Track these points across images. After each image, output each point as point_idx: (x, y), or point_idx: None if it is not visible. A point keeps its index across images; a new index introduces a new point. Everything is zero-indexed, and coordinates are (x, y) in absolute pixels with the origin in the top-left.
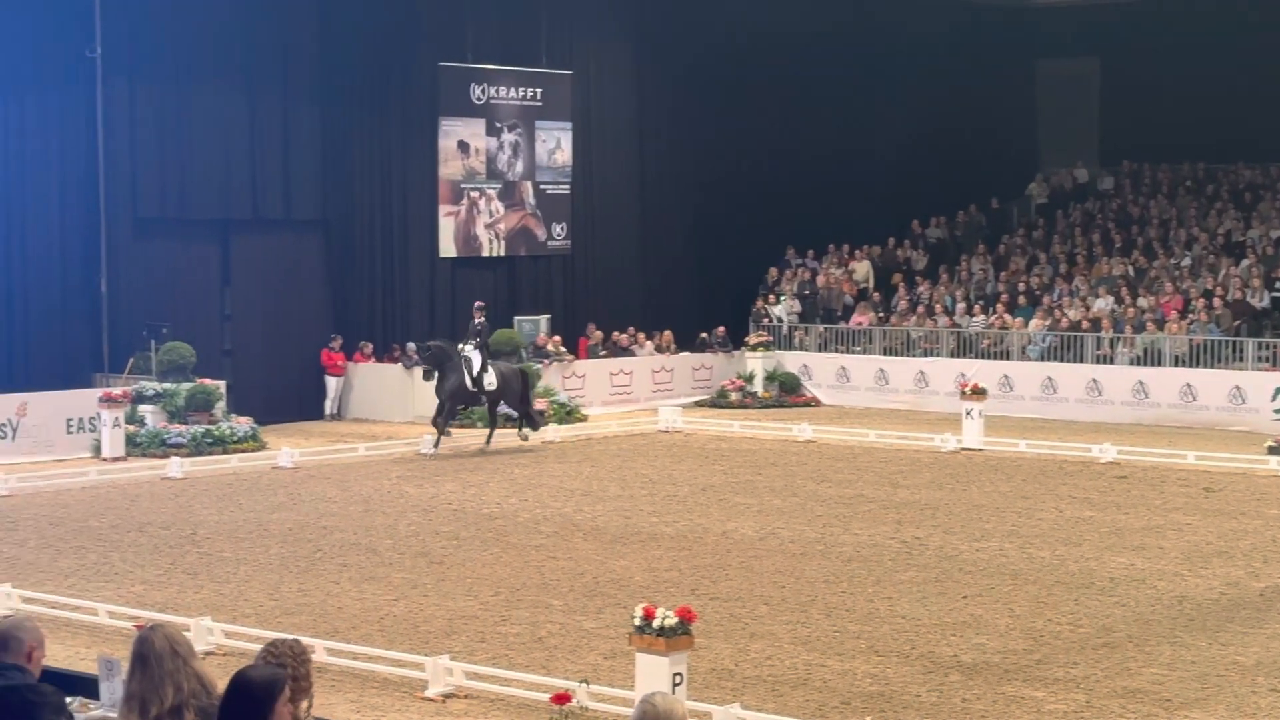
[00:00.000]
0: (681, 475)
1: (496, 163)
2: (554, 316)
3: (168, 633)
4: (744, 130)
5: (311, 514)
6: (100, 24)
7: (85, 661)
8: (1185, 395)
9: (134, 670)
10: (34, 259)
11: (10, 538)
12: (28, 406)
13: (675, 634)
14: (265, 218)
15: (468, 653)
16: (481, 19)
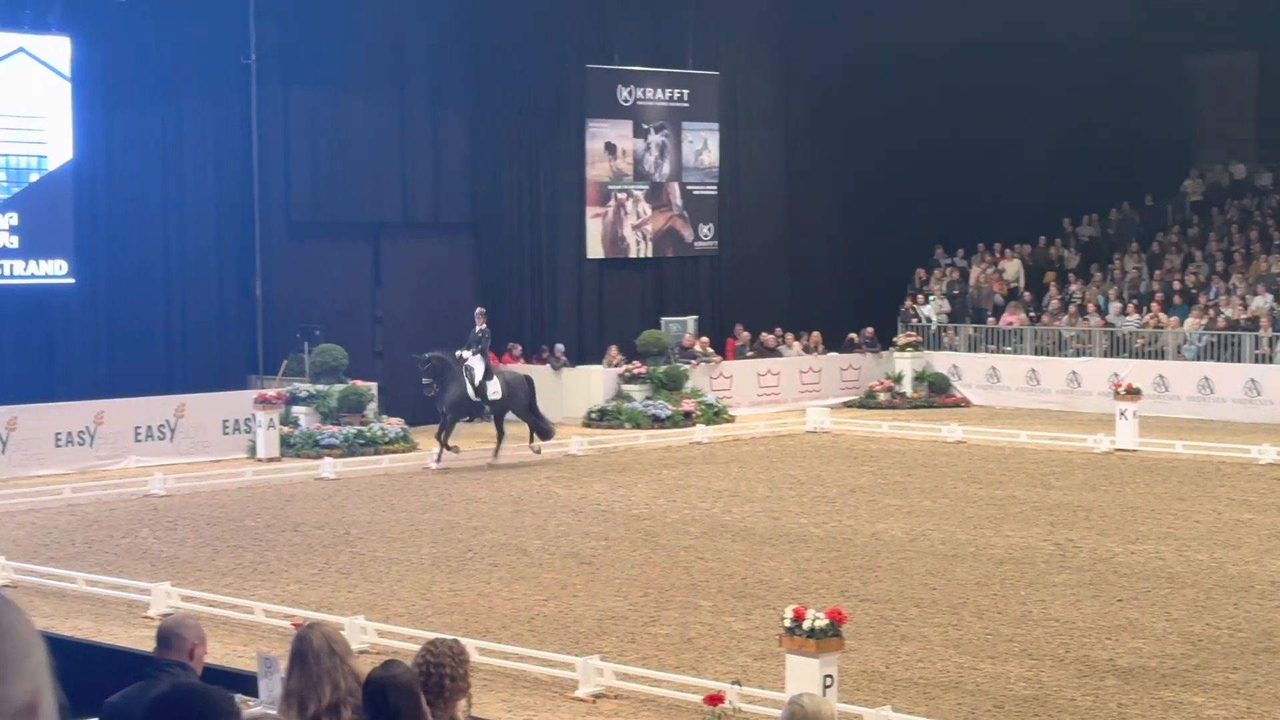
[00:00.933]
0: (830, 476)
1: (643, 164)
2: (701, 317)
3: (325, 631)
4: (892, 129)
5: (462, 514)
6: (254, 31)
7: (243, 659)
8: None
9: (293, 668)
10: (191, 263)
11: (169, 537)
12: (185, 408)
13: (826, 636)
14: (415, 221)
15: (618, 653)
16: (628, 21)
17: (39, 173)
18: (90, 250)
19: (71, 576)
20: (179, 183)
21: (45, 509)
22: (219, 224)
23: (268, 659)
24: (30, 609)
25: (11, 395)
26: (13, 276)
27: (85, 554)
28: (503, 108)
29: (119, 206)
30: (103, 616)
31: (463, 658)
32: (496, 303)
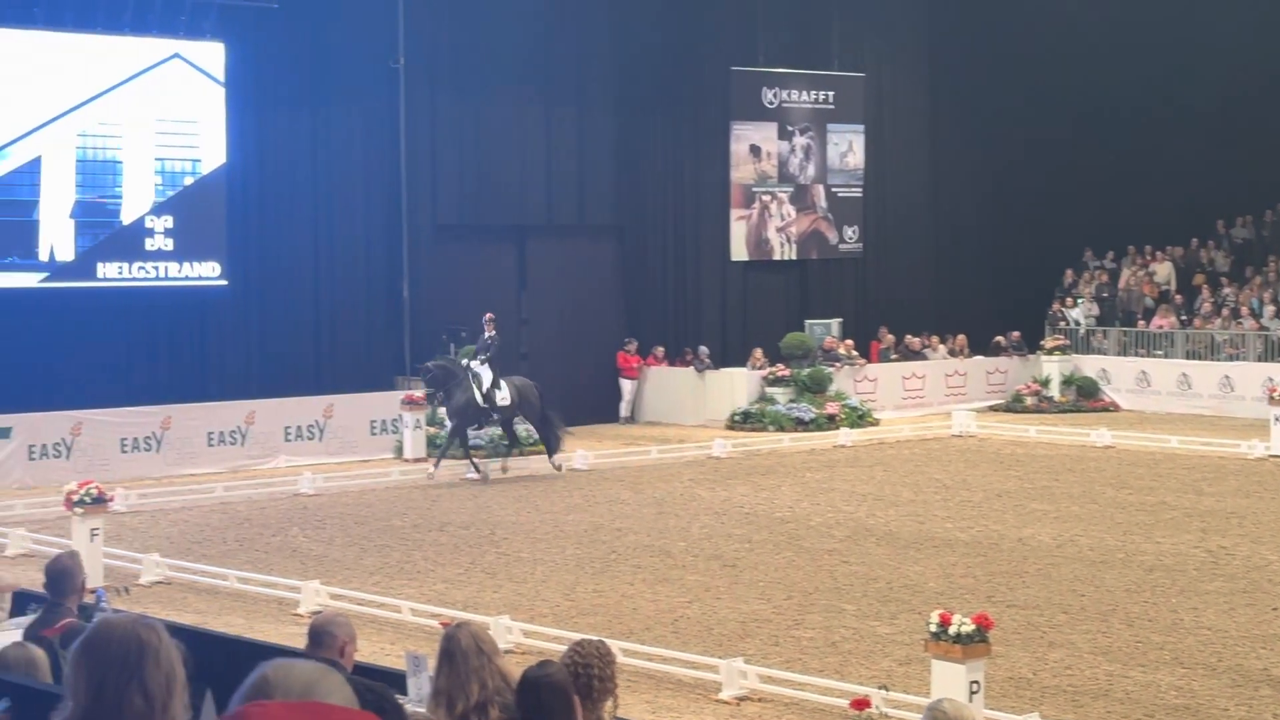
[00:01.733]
0: (976, 480)
1: (788, 166)
2: (845, 320)
3: (473, 631)
4: (1040, 128)
5: (605, 516)
6: (404, 36)
7: (390, 657)
8: None
9: (441, 666)
10: (340, 266)
11: (318, 535)
12: (334, 409)
13: (972, 641)
14: (560, 223)
15: (761, 656)
16: (773, 23)
17: (193, 177)
18: (242, 253)
19: (223, 574)
20: (328, 186)
21: (198, 507)
22: (367, 227)
23: (416, 657)
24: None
25: (166, 395)
26: (167, 279)
27: (236, 552)
28: (647, 110)
29: (270, 210)
30: (254, 614)
31: (609, 658)
32: (640, 305)
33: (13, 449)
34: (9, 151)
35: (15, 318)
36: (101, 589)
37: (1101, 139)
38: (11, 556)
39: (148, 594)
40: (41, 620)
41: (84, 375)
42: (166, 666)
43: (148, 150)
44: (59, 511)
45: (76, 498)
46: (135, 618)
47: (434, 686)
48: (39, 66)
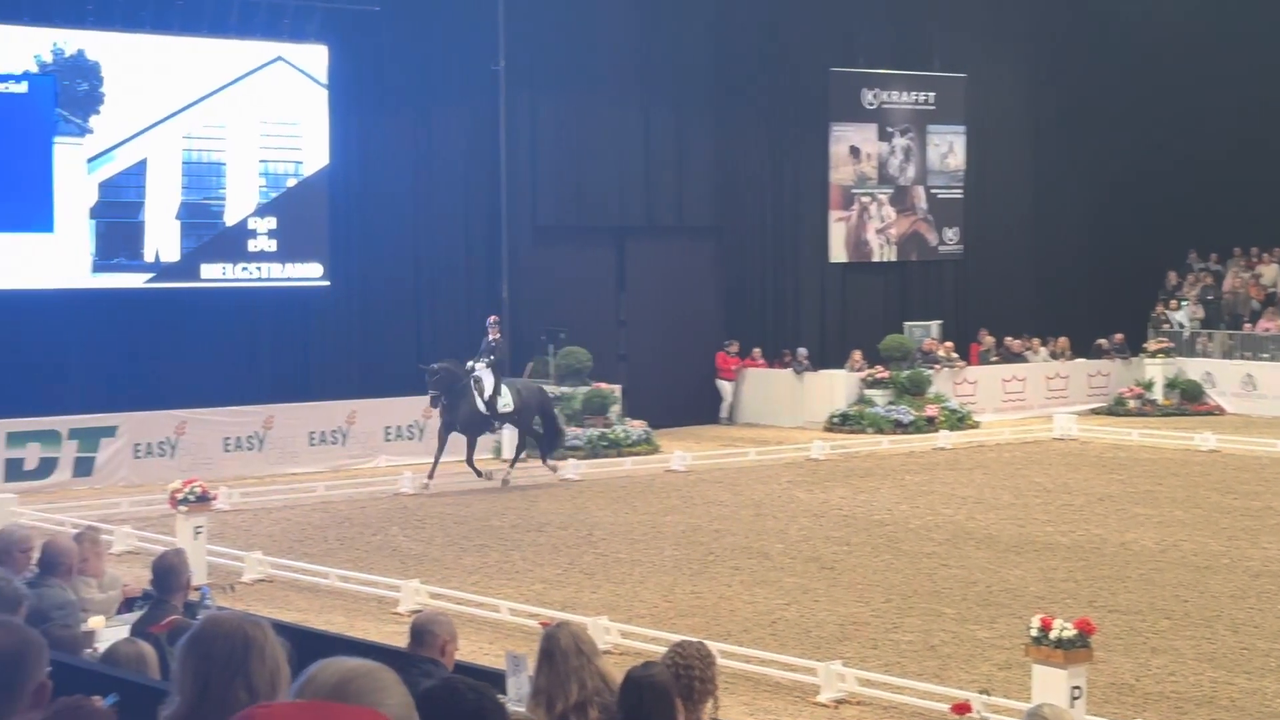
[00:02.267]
0: (1077, 484)
1: (888, 167)
2: (945, 322)
3: (573, 631)
4: (1144, 129)
5: (703, 517)
6: (504, 39)
7: (488, 657)
8: None
9: (541, 666)
10: (440, 266)
11: (417, 535)
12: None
13: (1074, 646)
14: (659, 224)
15: (860, 659)
16: (873, 24)
17: (296, 178)
18: (343, 254)
19: (324, 572)
20: (428, 187)
21: (299, 506)
22: (467, 228)
23: (516, 657)
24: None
25: (268, 395)
26: (270, 279)
27: (337, 550)
28: (746, 111)
29: (371, 211)
30: (354, 612)
31: (710, 660)
32: (739, 306)
33: (118, 447)
34: (116, 154)
35: (122, 318)
36: (206, 586)
37: (1207, 139)
38: (117, 554)
39: (250, 591)
40: (148, 617)
41: (188, 375)
42: (271, 663)
43: (251, 152)
44: (163, 509)
45: (181, 496)
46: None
47: (534, 686)
48: (146, 70)
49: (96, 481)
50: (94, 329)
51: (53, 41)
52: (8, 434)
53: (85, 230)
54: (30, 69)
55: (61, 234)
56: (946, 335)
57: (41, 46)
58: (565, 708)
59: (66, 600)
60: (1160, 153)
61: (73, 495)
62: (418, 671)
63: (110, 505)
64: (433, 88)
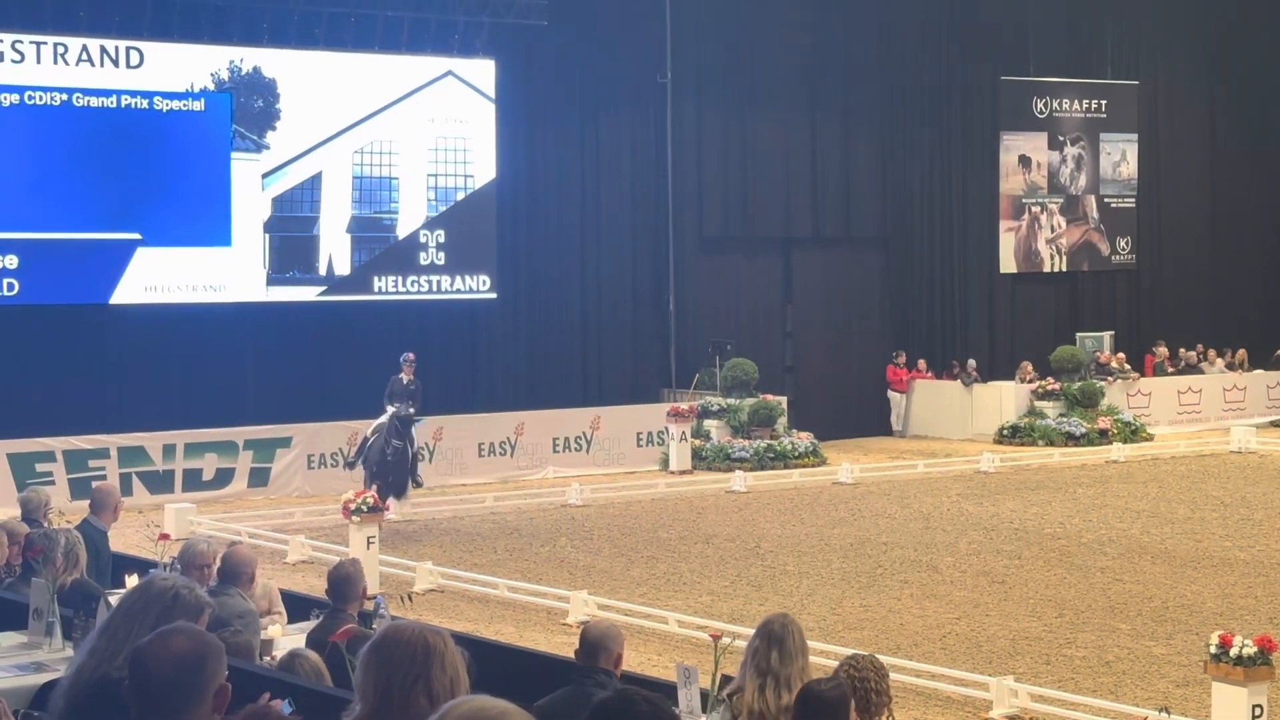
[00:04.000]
0: (1256, 498)
1: (1059, 177)
2: (1117, 333)
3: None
4: None
5: (871, 530)
6: (670, 51)
7: (657, 668)
8: None
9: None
10: (606, 278)
11: (585, 546)
12: (601, 420)
13: (1255, 664)
14: (825, 235)
15: (1032, 674)
16: (1044, 31)
17: (464, 191)
18: (511, 266)
19: (494, 583)
20: (595, 199)
21: (469, 516)
22: (633, 239)
23: (687, 669)
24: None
25: (439, 406)
26: (440, 292)
27: (506, 561)
28: (914, 121)
29: (538, 223)
30: (523, 622)
31: (884, 672)
32: (906, 316)
33: (293, 458)
34: (290, 169)
35: (295, 330)
36: (380, 596)
37: None
38: (292, 563)
39: (421, 601)
40: (324, 626)
41: (360, 386)
42: (451, 670)
43: (421, 166)
44: (336, 519)
45: (353, 506)
46: (422, 624)
47: (755, 667)
48: (319, 86)
49: (271, 491)
50: (269, 341)
51: (229, 59)
52: (186, 445)
53: (260, 244)
54: (208, 86)
55: (238, 248)
56: (1119, 346)
57: (219, 64)
58: (789, 700)
59: (246, 609)
60: None
61: (249, 505)
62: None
63: (285, 515)
64: (599, 100)
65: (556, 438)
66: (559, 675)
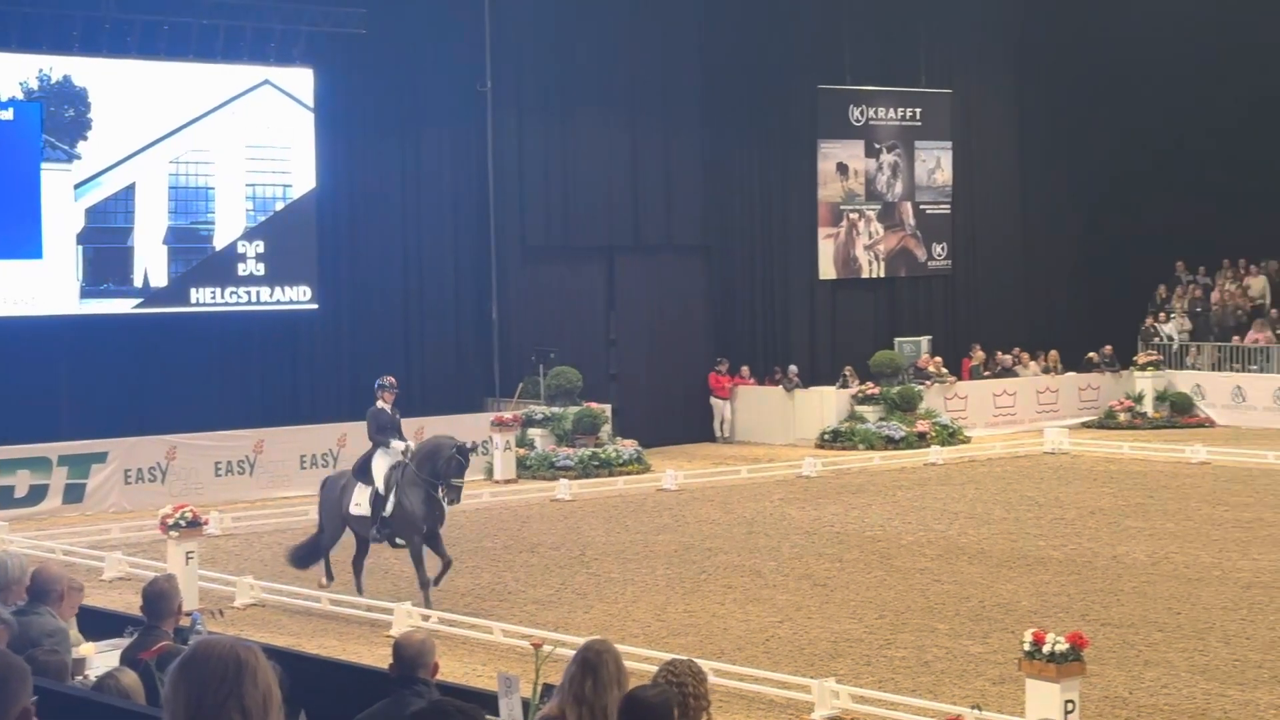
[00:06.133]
0: (1069, 498)
1: (876, 184)
2: (935, 337)
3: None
4: (1130, 143)
5: (696, 536)
6: (490, 60)
7: (481, 678)
8: None
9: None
10: (429, 288)
11: (405, 556)
12: (424, 431)
13: (1066, 660)
14: (648, 243)
15: (853, 676)
16: (859, 41)
17: (283, 202)
18: (332, 276)
19: (316, 596)
20: (416, 208)
21: (291, 529)
22: (456, 248)
23: (508, 678)
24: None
25: (258, 419)
26: (259, 303)
27: None
28: (734, 129)
29: (360, 233)
30: (347, 635)
31: (702, 676)
32: (729, 323)
33: (109, 473)
34: (103, 180)
35: (111, 343)
36: (197, 612)
37: (1194, 152)
38: (109, 580)
39: (242, 616)
40: (138, 643)
41: (178, 400)
42: (264, 686)
43: (239, 176)
44: (154, 535)
45: (171, 521)
46: (233, 639)
47: (572, 692)
48: (132, 95)
49: (87, 508)
50: (83, 355)
51: (39, 68)
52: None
53: (73, 256)
54: (16, 95)
55: (50, 260)
56: (936, 350)
57: (27, 73)
58: None
59: (56, 628)
60: (1148, 165)
61: (63, 522)
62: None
63: (101, 531)
64: (420, 109)
65: None
66: (380, 688)
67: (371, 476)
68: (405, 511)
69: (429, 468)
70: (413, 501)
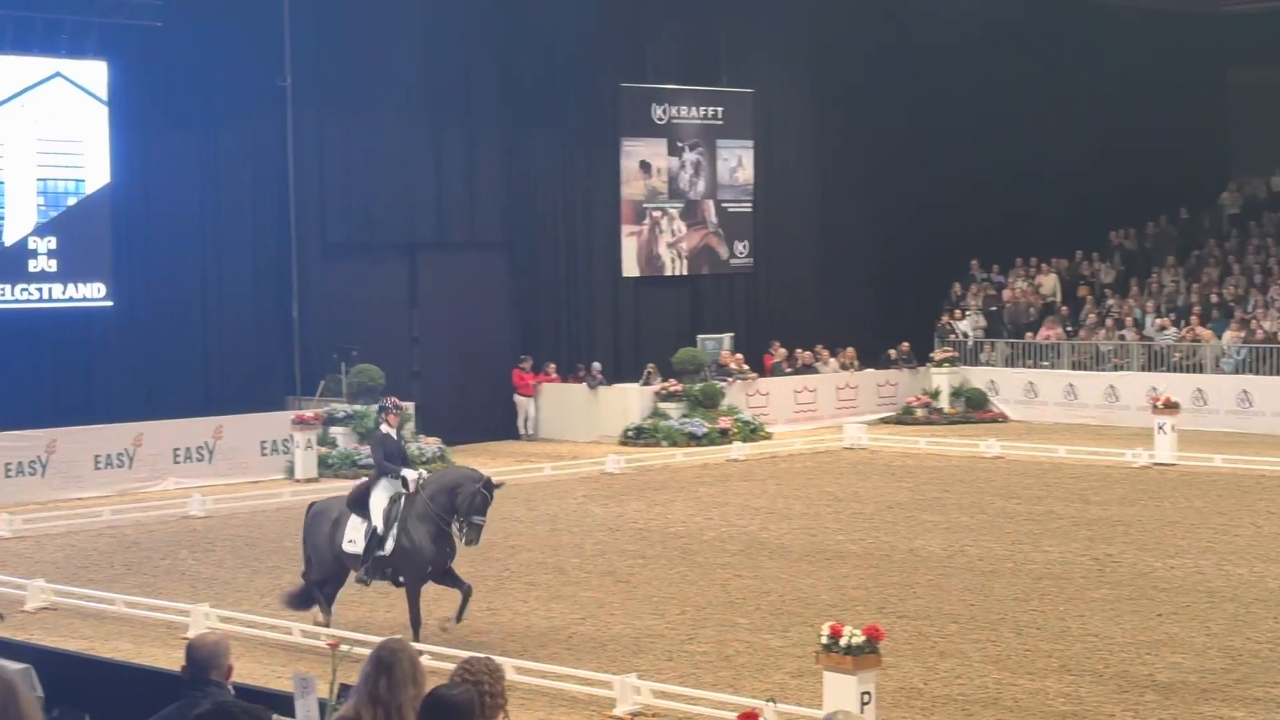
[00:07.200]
0: (867, 493)
1: (678, 182)
2: (737, 334)
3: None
4: (928, 144)
5: (499, 533)
6: (290, 55)
7: (280, 679)
8: None
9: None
10: (228, 285)
11: (207, 558)
12: (223, 429)
13: (863, 652)
14: (450, 240)
15: (655, 671)
16: (661, 40)
17: (76, 196)
18: (127, 273)
19: (110, 598)
20: (215, 205)
21: (84, 531)
22: (255, 246)
23: (304, 679)
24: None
25: (50, 418)
26: (51, 300)
27: (124, 576)
28: (537, 127)
29: (156, 229)
30: (142, 638)
31: (499, 675)
32: (532, 321)
33: None
34: None
35: None
36: None
37: (989, 153)
38: None
39: (33, 620)
40: None
41: None
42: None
43: (29, 170)
44: None
45: None
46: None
47: (368, 692)
48: None
49: None
50: None
51: None
52: None
53: None
54: None
55: None
56: (738, 347)
57: None
58: None
59: None
60: (944, 166)
61: None
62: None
63: None
64: (218, 104)
65: (177, 448)
66: (173, 690)
67: (369, 510)
68: (409, 549)
69: (444, 501)
70: (418, 538)
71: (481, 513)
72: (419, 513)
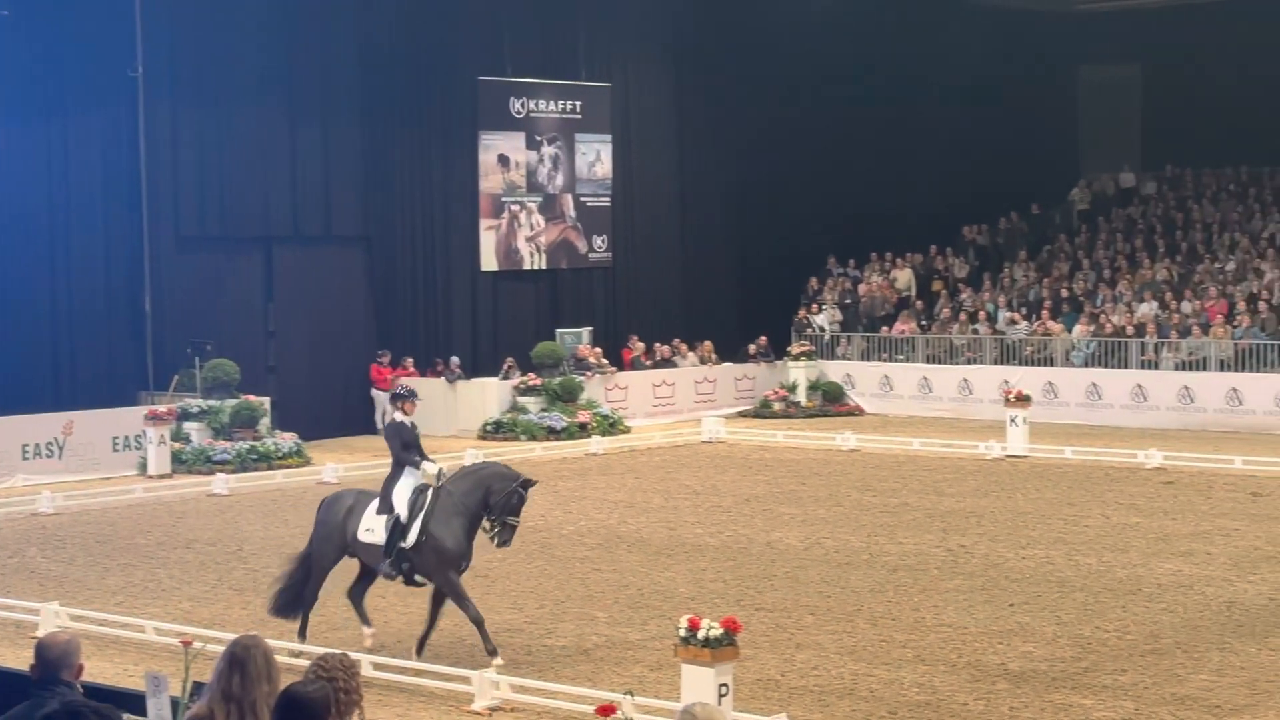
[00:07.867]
0: (725, 486)
1: (537, 176)
2: (595, 328)
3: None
4: (784, 141)
5: None
6: (142, 44)
7: (133, 678)
8: (1231, 400)
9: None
10: (78, 278)
11: (58, 556)
12: (74, 425)
13: (720, 645)
14: (307, 234)
15: (514, 666)
16: (520, 33)
17: None
18: None
19: None
20: (65, 197)
21: None
22: (106, 238)
23: (156, 678)
24: None
25: None
26: None
27: None
28: (394, 120)
29: (2, 221)
30: None
31: (354, 671)
32: (391, 315)
33: None
34: None
35: None
36: None
37: (844, 149)
38: None
39: None
40: None
41: None
42: None
43: None
44: None
45: None
46: None
47: (220, 690)
48: None
49: None
50: None
51: None
52: None
53: None
54: None
55: None
56: (597, 341)
57: None
58: None
59: None
60: (801, 162)
61: None
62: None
63: None
64: (68, 94)
65: (25, 444)
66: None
67: (391, 502)
68: (438, 543)
69: (478, 497)
70: (451, 533)
71: (516, 513)
72: (451, 508)
